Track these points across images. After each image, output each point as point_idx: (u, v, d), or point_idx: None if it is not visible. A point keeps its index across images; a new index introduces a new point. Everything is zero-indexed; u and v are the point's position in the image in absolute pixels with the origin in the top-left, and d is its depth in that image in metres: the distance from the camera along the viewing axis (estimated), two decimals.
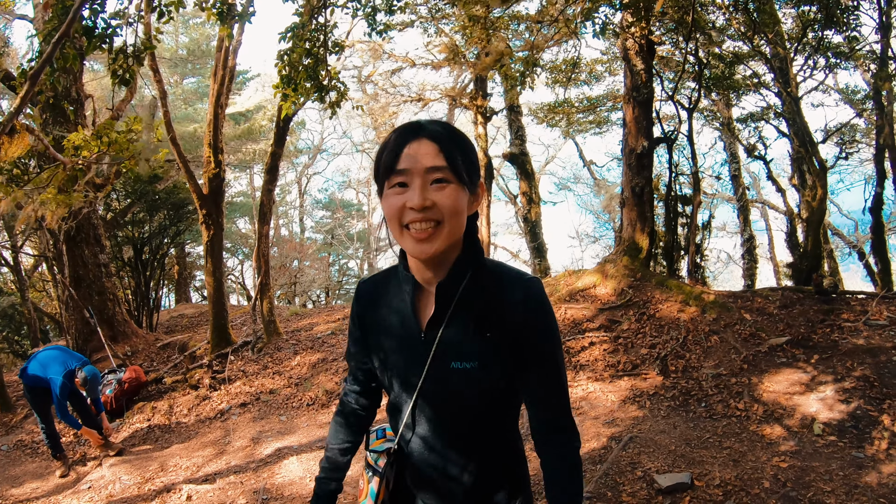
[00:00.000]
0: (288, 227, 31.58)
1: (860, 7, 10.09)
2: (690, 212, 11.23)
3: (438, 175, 1.47)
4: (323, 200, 32.92)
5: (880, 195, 10.33)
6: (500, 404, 1.65)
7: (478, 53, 13.73)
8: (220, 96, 10.24)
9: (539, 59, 13.25)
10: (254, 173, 25.71)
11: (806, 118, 11.57)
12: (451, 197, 1.47)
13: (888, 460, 4.86)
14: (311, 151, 29.80)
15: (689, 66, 11.50)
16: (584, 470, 5.11)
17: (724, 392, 6.53)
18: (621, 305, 8.84)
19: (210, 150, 10.19)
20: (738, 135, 16.01)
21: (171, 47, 22.75)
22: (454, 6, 11.68)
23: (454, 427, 1.68)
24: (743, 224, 17.90)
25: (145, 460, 6.73)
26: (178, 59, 22.69)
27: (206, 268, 10.47)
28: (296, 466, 6.05)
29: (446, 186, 1.48)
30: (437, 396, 1.65)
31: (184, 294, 21.08)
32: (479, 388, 1.59)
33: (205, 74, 22.94)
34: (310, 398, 8.27)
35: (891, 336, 6.84)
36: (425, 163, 1.46)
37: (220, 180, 10.25)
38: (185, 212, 14.43)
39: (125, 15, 5.30)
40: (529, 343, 1.57)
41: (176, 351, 11.18)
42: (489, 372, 1.57)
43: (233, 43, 10.24)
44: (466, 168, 1.51)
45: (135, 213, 14.54)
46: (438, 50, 14.63)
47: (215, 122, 10.20)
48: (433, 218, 1.47)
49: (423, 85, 17.18)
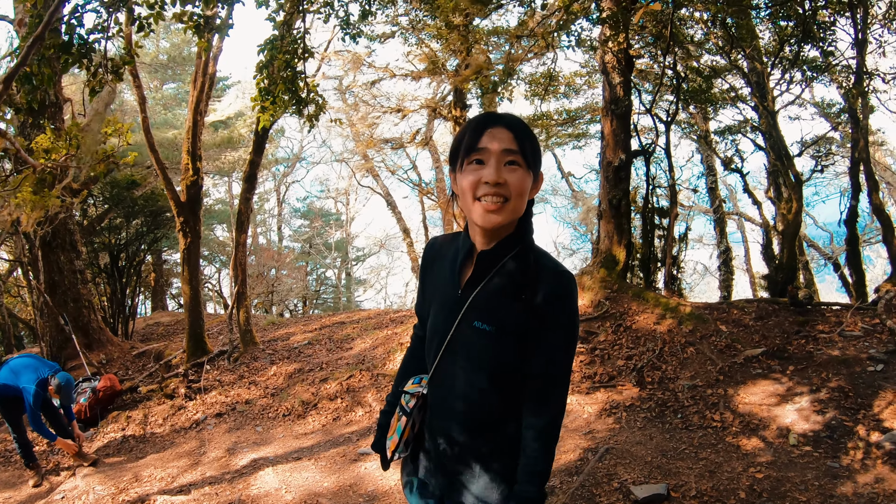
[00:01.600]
0: (266, 235, 31.42)
1: (837, 23, 10.24)
2: (667, 224, 11.31)
3: (511, 157, 1.72)
4: (301, 209, 32.83)
5: (855, 208, 10.45)
6: (511, 377, 1.78)
7: (457, 65, 13.79)
8: (200, 103, 10.18)
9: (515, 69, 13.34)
10: (232, 181, 25.53)
11: (782, 131, 11.73)
12: (520, 178, 1.73)
13: (863, 470, 4.90)
14: (290, 160, 29.68)
15: (668, 80, 11.62)
16: (561, 481, 5.12)
17: (700, 403, 6.56)
18: (598, 317, 8.86)
19: (188, 158, 10.12)
20: (715, 148, 16.15)
21: (152, 52, 22.57)
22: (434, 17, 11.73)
23: (468, 386, 1.83)
24: (719, 236, 18.06)
25: (119, 471, 6.63)
26: (159, 65, 22.50)
27: (183, 276, 10.38)
28: (271, 478, 5.99)
29: (517, 169, 1.73)
30: (459, 353, 1.83)
31: (160, 302, 20.86)
32: (493, 351, 1.76)
33: (185, 80, 22.73)
34: (286, 409, 8.21)
35: (865, 347, 6.91)
36: (502, 145, 1.71)
37: (198, 188, 10.18)
38: (162, 219, 14.30)
39: (105, 28, 5.24)
40: (543, 329, 1.73)
41: (151, 359, 11.04)
42: (504, 340, 1.75)
43: (213, 50, 10.18)
44: (534, 157, 1.76)
45: (112, 219, 14.40)
46: (419, 60, 14.67)
47: (194, 130, 10.14)
48: (503, 194, 1.71)
49: (403, 96, 17.21)
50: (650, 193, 11.48)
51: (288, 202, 32.45)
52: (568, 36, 9.52)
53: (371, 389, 8.31)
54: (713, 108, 14.49)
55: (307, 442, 7.08)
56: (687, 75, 12.15)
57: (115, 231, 14.50)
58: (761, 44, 12.24)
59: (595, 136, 18.99)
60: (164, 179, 9.89)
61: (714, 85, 13.05)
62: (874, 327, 7.40)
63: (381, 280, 33.46)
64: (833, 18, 10.09)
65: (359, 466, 6.08)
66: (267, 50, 6.39)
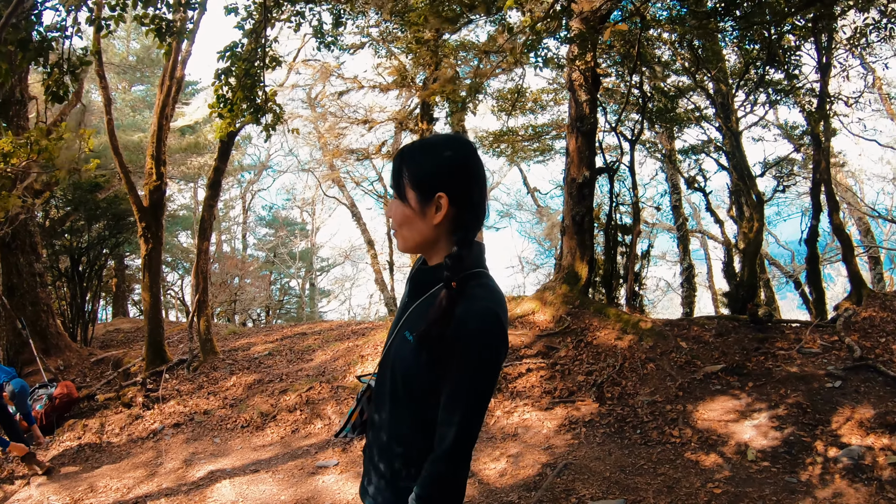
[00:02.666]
0: (230, 243, 31.16)
1: (802, 47, 10.50)
2: (630, 241, 11.45)
3: (393, 192, 1.79)
4: (267, 218, 32.66)
5: (815, 227, 10.69)
6: (427, 392, 1.70)
7: (425, 79, 13.84)
8: (166, 107, 10.06)
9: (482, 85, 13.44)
10: (198, 187, 25.24)
11: (745, 152, 11.97)
12: (393, 209, 1.79)
13: (821, 485, 4.98)
14: (256, 168, 29.44)
15: (634, 99, 11.79)
16: (519, 496, 5.12)
17: (660, 419, 6.62)
18: (559, 332, 8.91)
19: (153, 162, 9.98)
20: (679, 166, 16.43)
21: (122, 52, 22.26)
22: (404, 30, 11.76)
23: (390, 394, 1.80)
24: (682, 253, 18.29)
25: (74, 480, 6.49)
26: (128, 66, 22.20)
27: (144, 282, 10.19)
28: (228, 490, 5.90)
29: (394, 200, 1.79)
30: (392, 357, 1.81)
31: (121, 308, 20.49)
32: (411, 363, 1.71)
33: (154, 82, 22.39)
34: (245, 420, 8.10)
35: (824, 363, 7.05)
36: (388, 181, 1.72)
37: (161, 193, 10.03)
38: (125, 222, 14.03)
39: (62, 28, 5.15)
40: (452, 363, 1.63)
41: (110, 367, 10.82)
42: (421, 355, 1.67)
43: (181, 54, 10.07)
44: (412, 182, 1.73)
45: (73, 222, 14.08)
46: (388, 72, 14.70)
47: (159, 134, 10.00)
48: (392, 227, 1.83)
49: (371, 107, 17.22)
50: (613, 210, 11.62)
51: (253, 210, 32.33)
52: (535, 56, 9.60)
53: (331, 402, 8.23)
54: (678, 128, 14.75)
55: (265, 454, 6.98)
56: (653, 95, 12.34)
57: (76, 234, 14.18)
58: (727, 66, 12.50)
59: (560, 152, 19.14)
60: (127, 183, 9.73)
61: (679, 105, 13.27)
62: (833, 344, 7.56)
63: (344, 291, 33.46)
64: (798, 43, 10.34)
65: (317, 480, 6.01)
66: (227, 57, 6.33)
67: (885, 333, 7.51)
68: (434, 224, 1.72)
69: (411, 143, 1.80)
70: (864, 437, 5.55)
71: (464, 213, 1.73)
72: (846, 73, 11.47)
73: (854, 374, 6.72)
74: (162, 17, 5.77)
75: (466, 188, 1.73)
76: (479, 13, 9.76)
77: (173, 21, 5.87)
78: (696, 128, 14.74)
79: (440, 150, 1.75)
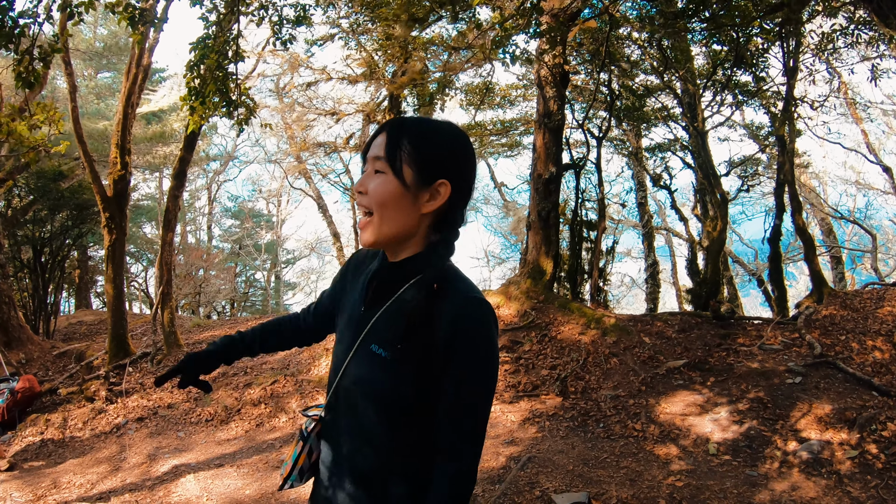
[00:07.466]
0: (195, 234, 30.73)
1: (769, 50, 10.67)
2: (595, 237, 11.56)
3: (379, 165, 1.51)
4: (232, 209, 32.26)
5: (778, 227, 10.90)
6: (407, 412, 1.51)
7: (394, 72, 13.80)
8: (132, 95, 9.90)
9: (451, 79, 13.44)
10: (163, 176, 24.84)
11: (711, 151, 12.14)
12: (379, 185, 1.50)
13: (780, 478, 5.09)
14: (222, 158, 29.01)
15: (602, 97, 11.89)
16: (483, 490, 5.15)
17: (622, 413, 6.71)
18: (524, 327, 8.97)
19: (117, 151, 9.82)
20: (645, 164, 16.61)
21: (89, 38, 21.78)
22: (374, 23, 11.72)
23: (362, 416, 1.55)
24: (647, 250, 18.46)
25: (37, 476, 6.41)
26: (94, 52, 21.71)
27: (107, 274, 10.04)
28: (192, 485, 5.85)
29: (381, 176, 1.50)
30: (354, 377, 1.56)
31: (84, 299, 20.12)
32: (388, 381, 1.50)
33: (121, 69, 21.91)
34: (209, 414, 8.03)
35: (784, 360, 7.19)
36: (374, 152, 1.53)
37: (125, 183, 9.88)
38: (89, 213, 13.79)
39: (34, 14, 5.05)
40: (447, 363, 1.46)
41: (73, 360, 10.66)
42: (401, 369, 1.48)
43: (149, 41, 9.92)
44: (413, 159, 1.49)
45: (36, 212, 13.81)
46: (357, 64, 14.61)
47: (124, 122, 9.84)
48: (364, 204, 1.53)
49: (339, 99, 17.10)
50: (579, 206, 11.73)
51: (219, 201, 31.88)
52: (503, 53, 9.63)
53: (295, 395, 8.20)
54: (645, 126, 14.91)
55: (230, 448, 6.94)
56: (621, 93, 12.45)
57: (39, 224, 13.92)
58: (695, 66, 12.66)
59: (528, 147, 19.21)
60: (90, 172, 9.57)
61: (647, 103, 13.41)
62: (794, 341, 7.71)
63: (310, 284, 33.18)
64: (766, 46, 10.50)
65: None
66: (198, 49, 6.25)
67: (844, 331, 7.67)
68: (422, 212, 1.52)
69: (412, 117, 1.58)
70: (823, 432, 5.67)
71: (456, 208, 1.57)
72: (813, 77, 11.71)
73: (814, 371, 6.86)
74: (134, 6, 5.69)
75: (468, 182, 1.58)
76: (447, 10, 9.77)
77: (147, 10, 5.79)
78: (663, 126, 14.93)
79: (446, 133, 1.56)
